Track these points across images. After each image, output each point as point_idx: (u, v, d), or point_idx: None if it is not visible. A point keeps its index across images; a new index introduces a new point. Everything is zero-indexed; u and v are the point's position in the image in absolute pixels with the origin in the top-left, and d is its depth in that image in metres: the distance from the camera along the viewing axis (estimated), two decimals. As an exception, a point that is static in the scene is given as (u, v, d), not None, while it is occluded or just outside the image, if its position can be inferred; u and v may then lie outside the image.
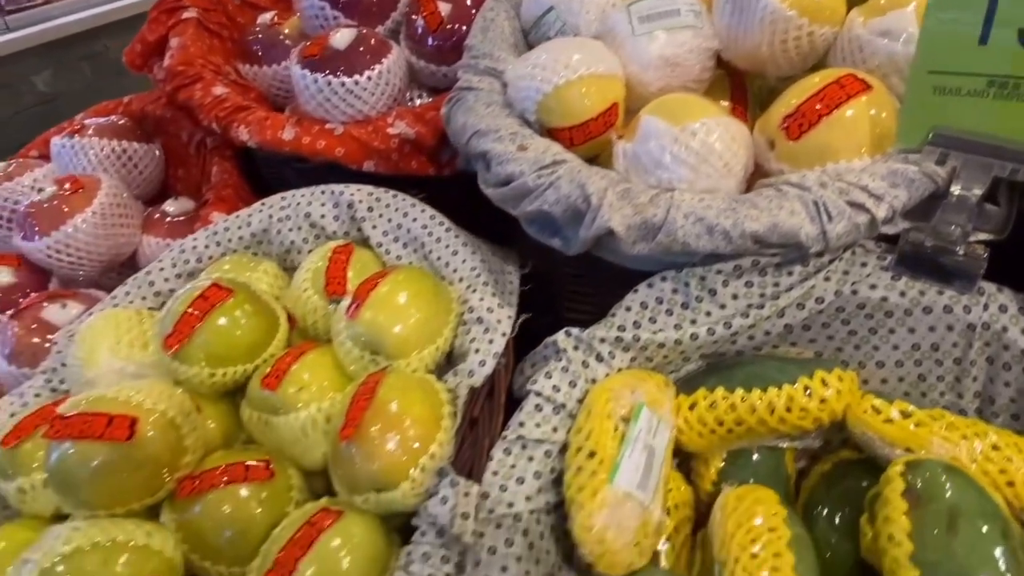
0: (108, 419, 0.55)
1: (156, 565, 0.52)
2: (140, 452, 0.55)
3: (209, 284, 0.65)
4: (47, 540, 0.50)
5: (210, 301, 0.64)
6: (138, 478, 0.56)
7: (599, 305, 0.69)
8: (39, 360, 0.78)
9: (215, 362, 0.64)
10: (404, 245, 0.74)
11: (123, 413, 0.56)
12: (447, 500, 0.54)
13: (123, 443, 0.55)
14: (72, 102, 2.59)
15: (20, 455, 0.62)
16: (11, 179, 0.98)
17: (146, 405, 0.57)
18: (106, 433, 0.54)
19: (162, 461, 0.57)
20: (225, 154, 0.96)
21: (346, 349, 0.63)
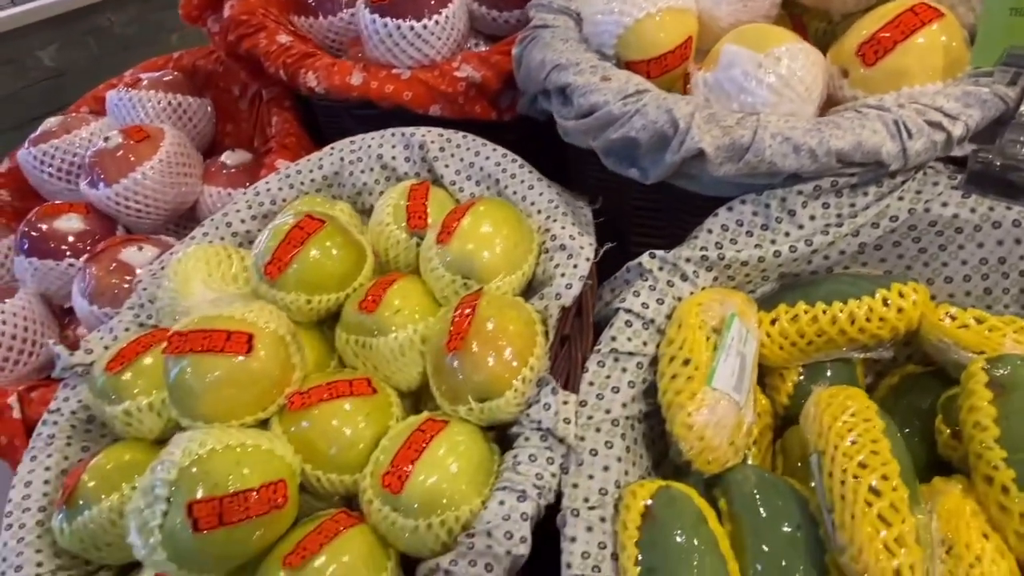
0: (227, 334, 0.58)
1: (280, 468, 0.55)
2: (257, 366, 0.58)
3: (303, 215, 0.68)
4: (178, 444, 0.53)
5: (305, 231, 0.67)
6: (254, 391, 0.59)
7: (666, 237, 0.72)
8: (120, 299, 0.80)
9: (311, 289, 0.66)
10: (477, 183, 0.77)
11: (240, 329, 0.58)
12: (550, 406, 0.57)
13: (242, 356, 0.57)
14: (78, 77, 2.59)
15: (125, 380, 0.65)
16: (69, 131, 0.99)
17: (260, 323, 0.60)
18: (226, 347, 0.57)
19: (275, 376, 0.60)
20: (284, 104, 0.97)
21: (438, 274, 0.66)
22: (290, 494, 0.55)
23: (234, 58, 0.97)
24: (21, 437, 0.77)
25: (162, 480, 0.51)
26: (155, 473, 0.52)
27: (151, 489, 0.52)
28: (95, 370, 0.67)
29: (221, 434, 0.54)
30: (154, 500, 0.51)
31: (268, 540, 0.54)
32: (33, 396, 0.79)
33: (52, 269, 0.87)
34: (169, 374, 0.59)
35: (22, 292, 0.87)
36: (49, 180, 0.99)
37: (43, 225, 0.88)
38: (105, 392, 0.65)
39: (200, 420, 0.58)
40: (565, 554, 0.53)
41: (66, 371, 0.71)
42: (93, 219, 0.91)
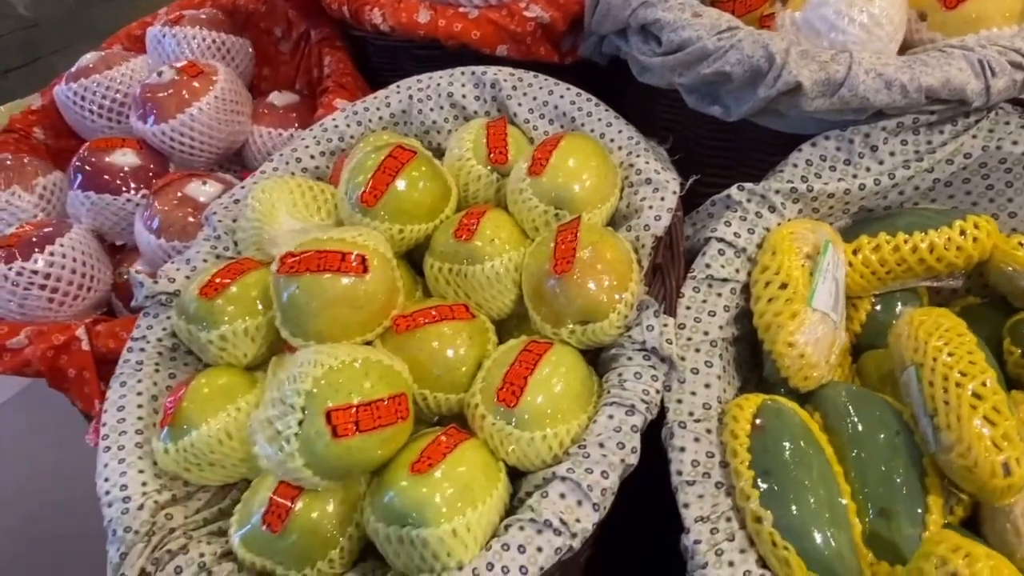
0: (341, 255, 0.59)
1: (400, 383, 0.57)
2: (371, 286, 0.59)
3: (394, 145, 0.69)
4: (307, 357, 0.54)
5: (398, 161, 0.67)
6: (367, 312, 0.60)
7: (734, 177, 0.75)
8: (188, 232, 0.80)
9: (403, 219, 0.67)
10: (551, 121, 0.78)
11: (353, 251, 0.59)
12: (652, 328, 0.60)
13: (358, 276, 0.58)
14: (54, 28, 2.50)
15: (219, 305, 0.65)
16: (110, 67, 0.97)
17: (370, 245, 0.61)
18: (342, 267, 0.58)
19: (384, 298, 0.61)
20: (336, 44, 0.97)
21: (531, 205, 0.67)
22: (410, 407, 0.57)
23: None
24: (91, 368, 0.77)
25: (296, 390, 0.52)
26: (288, 384, 0.53)
27: (282, 400, 0.53)
28: (185, 297, 0.67)
29: (347, 349, 0.55)
30: (288, 410, 0.52)
31: (392, 450, 0.56)
32: (100, 329, 0.78)
33: (109, 204, 0.86)
34: (281, 294, 0.60)
35: (77, 227, 0.85)
36: (89, 117, 0.97)
37: (97, 160, 0.87)
38: (198, 318, 0.66)
39: (312, 339, 0.59)
40: (674, 463, 0.56)
41: (148, 299, 0.71)
42: (146, 154, 0.89)
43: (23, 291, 0.79)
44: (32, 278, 0.80)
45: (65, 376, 0.77)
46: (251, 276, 0.68)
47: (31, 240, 0.81)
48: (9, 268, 0.79)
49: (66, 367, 0.77)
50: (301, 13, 0.97)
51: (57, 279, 0.81)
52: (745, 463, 0.54)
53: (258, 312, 0.67)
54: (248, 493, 0.59)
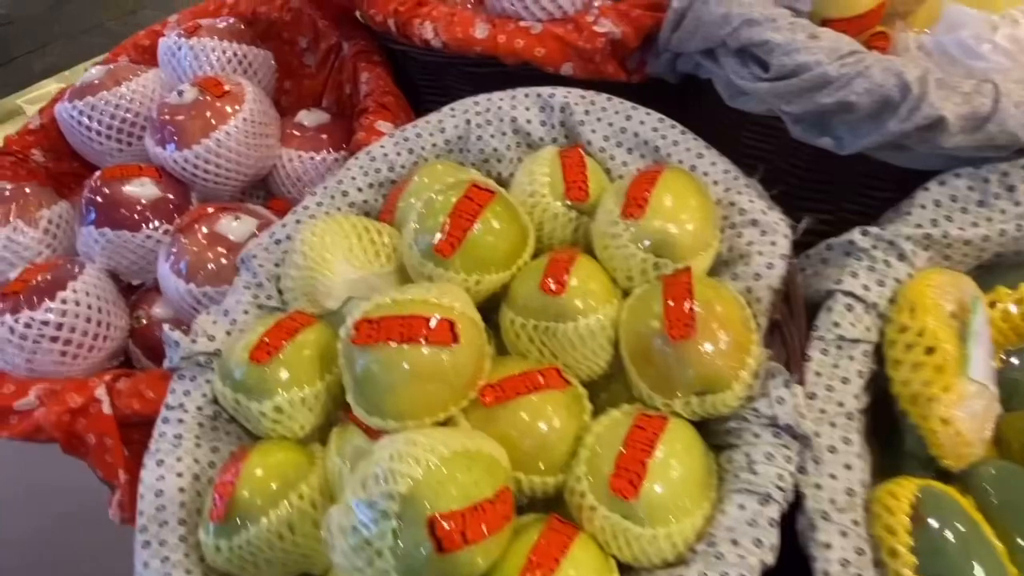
0: (426, 321, 0.50)
1: (502, 474, 0.48)
2: (461, 356, 0.51)
3: (468, 184, 0.60)
4: (397, 450, 0.46)
5: (476, 203, 0.59)
6: (456, 385, 0.52)
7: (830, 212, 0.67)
8: (222, 277, 0.71)
9: (481, 268, 0.59)
10: (629, 150, 0.70)
11: (440, 315, 0.51)
12: (784, 400, 0.52)
13: (447, 346, 0.50)
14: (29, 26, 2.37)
15: (274, 372, 0.57)
16: (119, 83, 0.87)
17: (457, 307, 0.53)
18: (429, 336, 0.50)
19: (473, 368, 0.53)
20: (373, 59, 0.88)
21: (627, 252, 0.59)
22: (513, 503, 0.48)
23: (316, 5, 0.86)
24: (114, 434, 0.67)
25: (390, 493, 0.44)
26: (379, 484, 0.44)
27: (372, 504, 0.44)
28: (231, 361, 0.58)
29: (443, 436, 0.47)
30: (380, 517, 0.44)
31: (496, 556, 0.47)
32: (122, 388, 0.69)
33: (127, 241, 0.76)
34: (355, 366, 0.51)
35: (91, 268, 0.76)
36: (96, 139, 0.87)
37: (112, 191, 0.77)
38: (248, 386, 0.57)
39: (391, 417, 0.51)
40: (820, 562, 0.49)
41: (185, 361, 0.62)
42: (167, 184, 0.80)
43: (32, 344, 0.70)
44: (42, 330, 0.70)
45: (83, 442, 0.68)
46: (306, 335, 0.59)
47: (39, 286, 0.71)
48: (15, 320, 0.69)
49: (84, 432, 0.68)
50: (333, 23, 0.88)
51: (71, 330, 0.71)
52: (910, 566, 0.46)
53: (316, 378, 0.58)
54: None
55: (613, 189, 0.64)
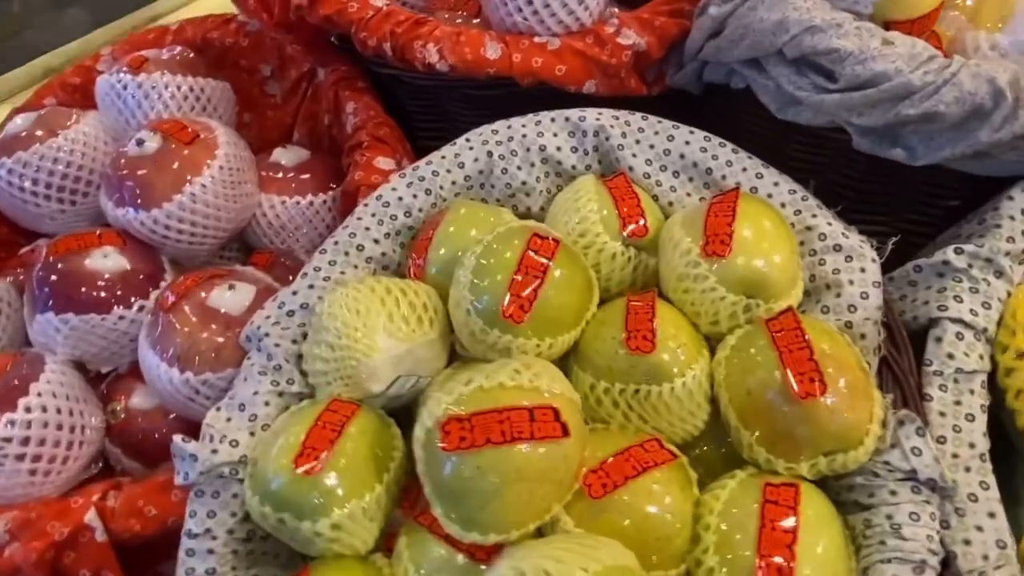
0: (528, 413, 0.42)
1: (641, 586, 0.41)
2: (572, 449, 0.43)
3: (529, 233, 0.52)
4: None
5: (541, 254, 0.51)
6: (566, 480, 0.44)
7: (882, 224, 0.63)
8: (222, 362, 0.60)
9: (552, 330, 0.51)
10: (676, 173, 0.64)
11: (540, 403, 0.43)
12: (920, 451, 0.47)
13: (558, 440, 0.42)
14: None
15: (328, 484, 0.47)
16: (54, 132, 0.74)
17: (555, 390, 0.44)
18: (536, 431, 0.41)
19: (581, 456, 0.45)
20: (357, 86, 0.77)
21: (716, 296, 0.52)
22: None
23: (286, 29, 0.75)
24: (114, 567, 0.56)
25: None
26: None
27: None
28: (269, 473, 0.48)
29: (582, 558, 0.39)
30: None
31: None
32: (114, 505, 0.57)
33: (97, 327, 0.63)
34: (444, 474, 0.42)
35: (52, 363, 0.63)
36: (32, 200, 0.73)
37: (70, 267, 0.64)
38: (295, 503, 0.47)
39: (493, 531, 0.43)
40: (989, 629, 0.44)
41: (204, 476, 0.51)
42: (133, 251, 0.67)
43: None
44: (4, 448, 0.57)
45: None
46: (354, 429, 0.50)
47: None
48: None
49: (75, 569, 0.55)
50: (304, 48, 0.77)
51: (39, 442, 0.59)
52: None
53: (374, 480, 0.49)
54: None
55: (680, 222, 0.57)
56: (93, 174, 0.76)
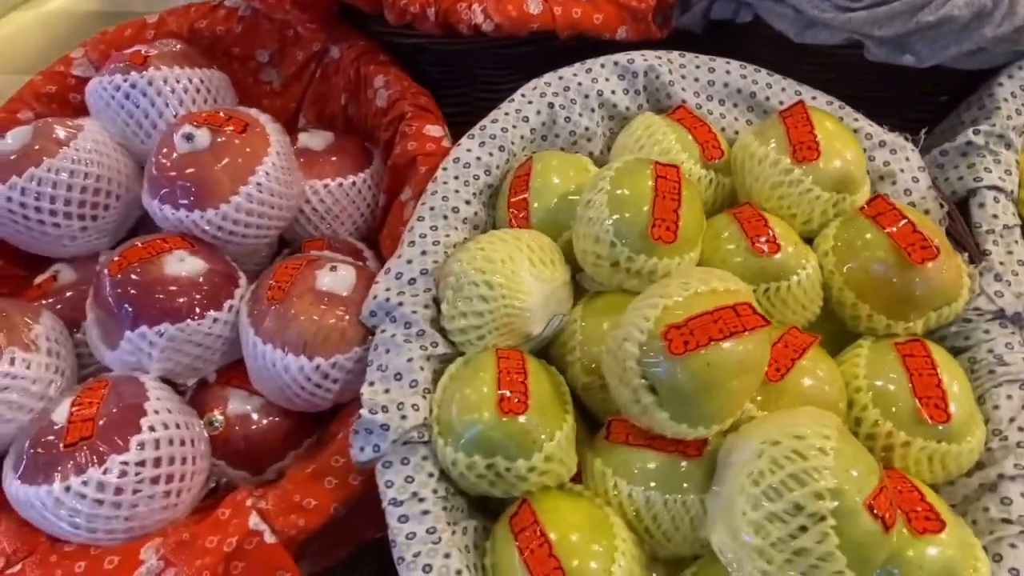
0: (732, 310, 0.46)
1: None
2: (767, 341, 0.48)
3: (651, 163, 0.56)
4: (786, 454, 0.42)
5: (671, 180, 0.55)
6: (763, 368, 0.49)
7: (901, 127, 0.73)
8: (347, 339, 0.59)
9: (689, 247, 0.56)
10: (722, 101, 0.70)
11: (738, 300, 0.47)
12: (1002, 293, 0.57)
13: (764, 329, 0.47)
14: None
15: (533, 421, 0.49)
16: (61, 144, 0.67)
17: (741, 289, 0.49)
18: (746, 324, 0.46)
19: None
20: (380, 60, 0.76)
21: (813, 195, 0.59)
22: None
23: (299, 7, 0.73)
24: (290, 566, 0.54)
25: (814, 492, 0.41)
26: (791, 490, 0.41)
27: (798, 508, 0.41)
28: (470, 423, 0.49)
29: (813, 423, 0.44)
30: (809, 521, 0.41)
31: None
32: (270, 506, 0.55)
33: (193, 333, 0.59)
34: (673, 378, 0.46)
35: (151, 382, 0.58)
36: (50, 220, 0.67)
37: (149, 276, 0.59)
38: (508, 444, 0.49)
39: (716, 422, 0.47)
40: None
41: (398, 445, 0.51)
42: (203, 252, 0.63)
43: (132, 497, 0.52)
44: (140, 472, 0.53)
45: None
46: (531, 369, 0.52)
47: (109, 421, 0.53)
48: (104, 471, 0.51)
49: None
50: (320, 27, 0.75)
51: (170, 460, 0.55)
52: None
53: (564, 412, 0.52)
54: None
55: (754, 139, 0.63)
56: (112, 184, 0.70)
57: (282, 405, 0.63)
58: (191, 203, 0.63)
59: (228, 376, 0.65)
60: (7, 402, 0.57)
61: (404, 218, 0.72)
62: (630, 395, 0.48)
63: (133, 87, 0.70)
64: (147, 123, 0.71)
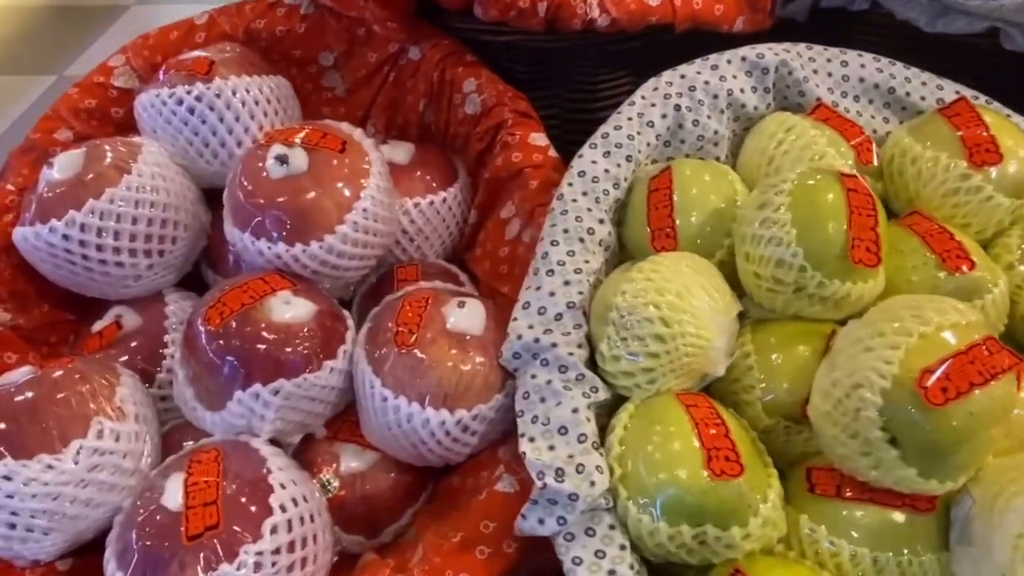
0: (982, 348, 0.41)
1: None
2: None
3: (836, 173, 0.50)
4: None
5: (862, 193, 0.49)
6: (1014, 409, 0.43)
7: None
8: (490, 388, 0.52)
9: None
10: (856, 98, 0.64)
11: (982, 336, 0.41)
12: None
13: (1016, 367, 0.41)
14: None
15: (749, 480, 0.43)
16: (122, 169, 0.58)
17: (978, 320, 0.43)
18: (1000, 363, 0.40)
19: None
20: (468, 61, 0.68)
21: (994, 203, 0.54)
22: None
23: (380, 4, 0.64)
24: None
25: None
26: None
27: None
28: (672, 487, 0.43)
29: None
30: None
31: None
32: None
33: (309, 388, 0.51)
34: (926, 428, 0.40)
35: (264, 447, 0.50)
36: (112, 259, 0.58)
37: (256, 327, 0.50)
38: (718, 510, 0.43)
39: (961, 474, 0.42)
40: None
41: (586, 513, 0.44)
42: (305, 290, 0.55)
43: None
44: (276, 560, 0.45)
45: None
46: (727, 416, 0.46)
47: (239, 504, 0.45)
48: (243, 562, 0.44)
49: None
50: (400, 25, 0.66)
51: (303, 542, 0.47)
52: None
53: (766, 465, 0.46)
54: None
55: (913, 142, 0.57)
56: (179, 212, 0.61)
57: (407, 461, 0.55)
58: (290, 235, 0.54)
59: (335, 429, 0.57)
60: (98, 483, 0.48)
61: (505, 237, 0.66)
62: (859, 447, 0.42)
63: (199, 100, 0.61)
64: (215, 141, 0.62)
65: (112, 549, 0.46)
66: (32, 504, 0.46)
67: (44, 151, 0.63)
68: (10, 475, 0.46)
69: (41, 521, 0.46)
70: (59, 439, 0.47)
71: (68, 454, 0.47)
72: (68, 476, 0.47)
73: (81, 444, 0.48)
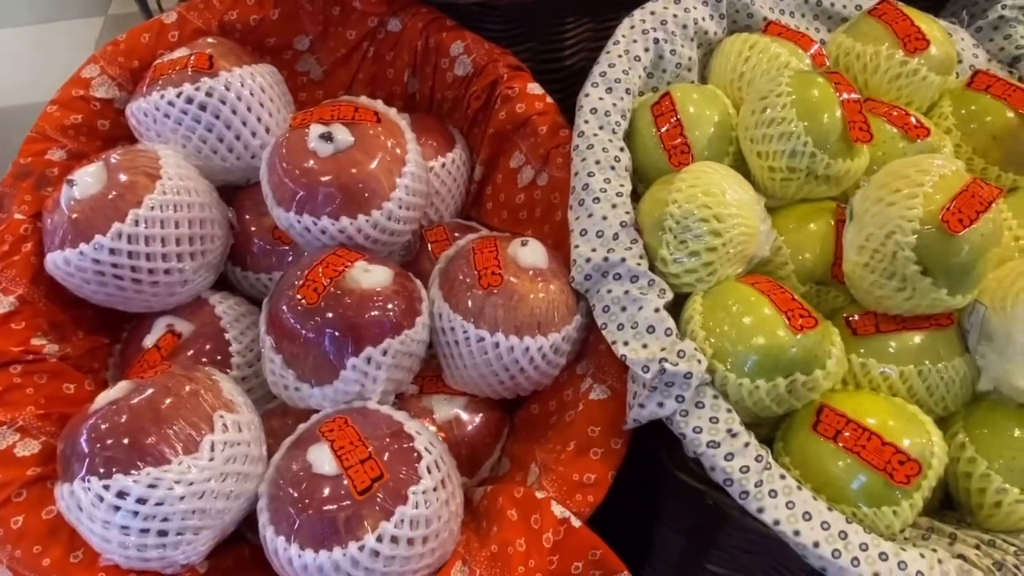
0: (976, 184, 0.51)
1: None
2: (998, 202, 0.54)
3: (822, 72, 0.59)
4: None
5: (843, 84, 0.58)
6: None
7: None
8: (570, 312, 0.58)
9: (862, 145, 0.60)
10: (792, 13, 0.74)
11: (972, 178, 0.52)
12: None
13: (1001, 198, 0.52)
14: None
15: (820, 330, 0.52)
16: (153, 177, 0.57)
17: (957, 166, 0.54)
18: (991, 195, 0.51)
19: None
20: (448, 25, 0.71)
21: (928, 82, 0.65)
22: None
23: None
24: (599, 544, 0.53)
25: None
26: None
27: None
28: (765, 350, 0.51)
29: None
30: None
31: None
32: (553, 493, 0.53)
33: (411, 343, 0.53)
34: (957, 256, 0.50)
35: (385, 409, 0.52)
36: (161, 267, 0.57)
37: (354, 296, 0.52)
38: (804, 359, 0.52)
39: (969, 291, 0.53)
40: None
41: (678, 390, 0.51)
42: (374, 258, 0.56)
43: (436, 531, 0.48)
44: (438, 499, 0.48)
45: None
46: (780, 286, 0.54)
47: (387, 460, 0.48)
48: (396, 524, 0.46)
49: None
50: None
51: (450, 480, 0.51)
52: None
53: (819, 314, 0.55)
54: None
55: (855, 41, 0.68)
56: (211, 211, 0.61)
57: (499, 396, 0.60)
58: (352, 208, 0.56)
59: (420, 384, 0.60)
60: (236, 473, 0.49)
61: (519, 185, 0.70)
62: (896, 285, 0.52)
63: (210, 95, 0.60)
64: (230, 135, 0.62)
65: (270, 529, 0.48)
66: (182, 506, 0.46)
67: (41, 174, 0.60)
68: (154, 483, 0.46)
69: (193, 521, 0.47)
70: (191, 439, 0.48)
71: (203, 451, 0.48)
72: (209, 472, 0.47)
73: (212, 439, 0.48)
